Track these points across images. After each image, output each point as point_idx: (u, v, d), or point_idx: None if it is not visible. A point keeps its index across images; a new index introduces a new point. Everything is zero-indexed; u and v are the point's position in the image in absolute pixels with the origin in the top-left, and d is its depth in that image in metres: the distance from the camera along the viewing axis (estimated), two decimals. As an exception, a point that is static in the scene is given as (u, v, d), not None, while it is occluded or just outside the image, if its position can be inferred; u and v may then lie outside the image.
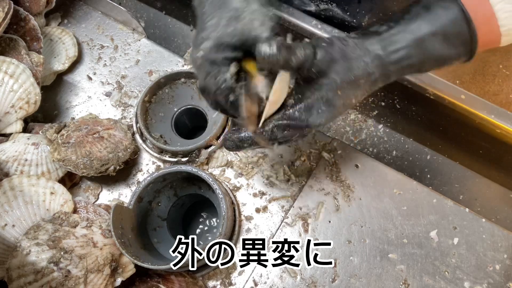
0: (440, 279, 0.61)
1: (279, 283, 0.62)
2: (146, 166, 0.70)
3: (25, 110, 0.67)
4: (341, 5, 0.67)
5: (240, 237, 0.64)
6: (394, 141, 0.83)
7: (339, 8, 0.66)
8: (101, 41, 0.80)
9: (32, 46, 0.72)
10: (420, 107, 0.74)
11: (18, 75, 0.66)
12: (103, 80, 0.77)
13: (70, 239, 0.55)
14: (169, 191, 0.67)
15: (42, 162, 0.64)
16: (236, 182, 0.68)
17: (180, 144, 0.70)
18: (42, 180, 0.61)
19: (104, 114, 0.74)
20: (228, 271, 0.62)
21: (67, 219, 0.58)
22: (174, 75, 0.71)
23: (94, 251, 0.55)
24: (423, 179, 0.79)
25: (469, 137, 0.72)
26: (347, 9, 0.66)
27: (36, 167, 0.64)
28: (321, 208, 0.65)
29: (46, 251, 0.54)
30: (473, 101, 0.66)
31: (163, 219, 0.67)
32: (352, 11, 0.66)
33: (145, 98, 0.70)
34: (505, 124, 0.65)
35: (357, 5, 0.66)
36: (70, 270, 0.53)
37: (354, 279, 0.61)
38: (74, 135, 0.64)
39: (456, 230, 0.63)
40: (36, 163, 0.64)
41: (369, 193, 0.66)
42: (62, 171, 0.65)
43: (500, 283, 0.60)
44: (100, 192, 0.68)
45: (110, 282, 0.55)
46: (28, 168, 0.63)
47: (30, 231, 0.56)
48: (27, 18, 0.72)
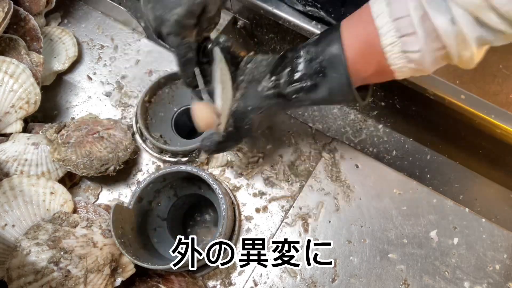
0: (440, 279, 0.61)
1: (279, 283, 0.62)
2: (146, 166, 0.70)
3: (25, 110, 0.67)
4: (326, 7, 0.67)
5: (240, 237, 0.64)
6: (394, 141, 0.83)
7: (323, 11, 0.66)
8: (101, 41, 0.80)
9: (32, 46, 0.72)
10: (420, 107, 0.74)
11: (18, 75, 0.66)
12: (103, 80, 0.77)
13: (70, 239, 0.55)
14: (169, 191, 0.67)
15: (42, 162, 0.64)
16: (236, 182, 0.68)
17: (180, 144, 0.70)
18: (42, 180, 0.61)
19: (104, 114, 0.74)
20: (228, 271, 0.62)
21: (67, 219, 0.58)
22: (174, 75, 0.71)
23: (94, 251, 0.55)
24: (423, 179, 0.79)
25: (469, 137, 0.72)
26: (332, 12, 0.66)
27: (36, 167, 0.64)
28: (321, 208, 0.65)
29: (46, 251, 0.54)
30: (473, 101, 0.66)
31: (163, 219, 0.67)
32: (337, 14, 0.66)
33: (145, 98, 0.70)
34: (505, 124, 0.65)
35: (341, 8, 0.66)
36: (70, 270, 0.53)
37: (354, 279, 0.61)
38: (74, 135, 0.64)
39: (456, 230, 0.63)
40: (36, 163, 0.64)
41: (369, 193, 0.66)
42: (62, 171, 0.65)
43: (500, 283, 0.60)
44: (100, 192, 0.68)
45: (110, 282, 0.55)
46: (28, 168, 0.63)
47: (30, 231, 0.56)
48: (27, 18, 0.72)
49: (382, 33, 0.43)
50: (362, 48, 0.46)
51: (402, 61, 0.44)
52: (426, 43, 0.42)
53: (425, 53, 0.42)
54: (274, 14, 0.72)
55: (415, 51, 0.43)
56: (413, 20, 0.41)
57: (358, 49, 0.46)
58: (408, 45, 0.43)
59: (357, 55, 0.46)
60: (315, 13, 0.68)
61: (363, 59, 0.46)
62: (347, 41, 0.46)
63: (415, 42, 0.42)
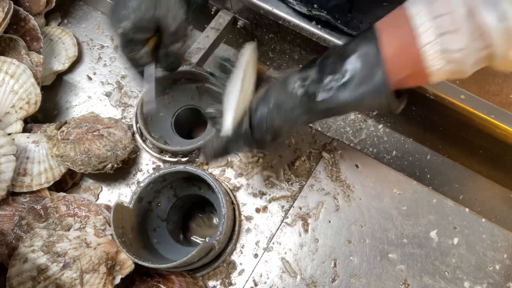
0: (440, 279, 0.61)
1: (279, 283, 0.62)
2: (146, 166, 0.70)
3: (25, 110, 0.67)
4: (332, 13, 0.66)
5: (240, 237, 0.64)
6: (394, 141, 0.83)
7: (330, 15, 0.66)
8: (101, 41, 0.80)
9: (32, 46, 0.72)
10: (420, 107, 0.74)
11: (18, 76, 0.66)
12: (103, 80, 0.77)
13: (63, 242, 0.56)
14: (169, 192, 0.67)
15: (43, 159, 0.64)
16: (236, 182, 0.68)
17: (180, 144, 0.70)
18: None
19: (104, 114, 0.74)
20: (228, 271, 0.62)
21: (60, 223, 0.59)
22: (174, 75, 0.71)
23: (87, 251, 0.56)
24: (423, 179, 0.79)
25: (469, 137, 0.72)
26: (338, 17, 0.66)
27: (38, 164, 0.64)
28: (321, 208, 0.65)
29: (41, 257, 0.55)
30: (473, 101, 0.66)
31: (163, 220, 0.67)
32: (343, 19, 0.66)
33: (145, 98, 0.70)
34: (505, 124, 0.65)
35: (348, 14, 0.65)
36: (65, 272, 0.54)
37: (354, 279, 0.61)
38: (74, 132, 0.64)
39: (456, 230, 0.63)
40: (38, 160, 0.64)
41: (369, 193, 0.66)
42: (64, 167, 0.65)
43: (500, 283, 0.60)
44: (100, 192, 0.68)
45: (109, 280, 0.55)
46: (31, 165, 0.63)
47: (27, 239, 0.57)
48: (27, 18, 0.72)
49: (420, 32, 0.41)
50: (397, 49, 0.43)
51: (441, 62, 0.41)
52: (470, 41, 0.39)
53: (468, 52, 0.40)
54: (274, 14, 0.72)
55: (457, 50, 0.40)
56: (456, 17, 0.39)
57: (393, 50, 0.44)
58: (449, 43, 0.40)
59: (392, 56, 0.44)
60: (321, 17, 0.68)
61: (398, 60, 0.44)
62: (382, 41, 0.44)
63: (458, 40, 0.39)
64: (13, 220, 0.60)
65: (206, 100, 0.60)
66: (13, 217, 0.61)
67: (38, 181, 0.63)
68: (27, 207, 0.61)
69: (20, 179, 0.62)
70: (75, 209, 0.62)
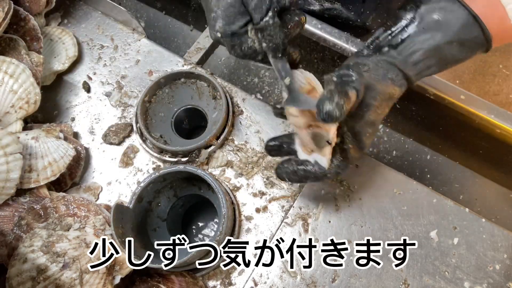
0: (440, 279, 0.61)
1: (279, 283, 0.62)
2: (146, 166, 0.70)
3: (25, 110, 0.67)
4: (346, 4, 0.67)
5: (240, 237, 0.64)
6: (394, 141, 0.83)
7: (344, 8, 0.67)
8: (101, 41, 0.80)
9: (32, 46, 0.72)
10: (420, 107, 0.74)
11: (18, 75, 0.66)
12: (103, 80, 0.77)
13: (63, 243, 0.56)
14: (169, 192, 0.67)
15: (46, 153, 0.64)
16: (236, 182, 0.68)
17: (180, 144, 0.70)
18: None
19: (104, 114, 0.74)
20: (228, 271, 0.62)
21: (60, 223, 0.59)
22: (174, 75, 0.71)
23: (87, 251, 0.56)
24: (423, 179, 0.79)
25: (469, 137, 0.72)
26: (351, 9, 0.66)
27: (42, 159, 0.64)
28: (321, 208, 0.65)
29: (41, 257, 0.55)
30: (473, 101, 0.66)
31: (163, 220, 0.67)
32: (357, 11, 0.66)
33: (145, 98, 0.70)
34: (505, 124, 0.65)
35: (361, 5, 0.66)
36: (64, 273, 0.54)
37: (354, 279, 0.61)
38: None
39: (456, 230, 0.63)
40: (41, 155, 0.64)
41: (369, 193, 0.66)
42: (68, 158, 0.65)
43: (500, 283, 0.60)
44: (100, 192, 0.68)
45: (109, 280, 0.55)
46: (35, 161, 0.63)
47: (26, 239, 0.57)
48: (27, 18, 0.72)
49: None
50: (482, 11, 0.45)
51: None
52: None
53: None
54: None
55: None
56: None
57: (479, 12, 0.45)
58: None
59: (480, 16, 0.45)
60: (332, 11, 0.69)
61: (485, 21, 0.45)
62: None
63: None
64: (12, 220, 0.60)
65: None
66: (12, 217, 0.61)
67: (44, 175, 0.63)
68: (26, 207, 0.61)
69: (27, 176, 0.62)
70: (74, 209, 0.61)
